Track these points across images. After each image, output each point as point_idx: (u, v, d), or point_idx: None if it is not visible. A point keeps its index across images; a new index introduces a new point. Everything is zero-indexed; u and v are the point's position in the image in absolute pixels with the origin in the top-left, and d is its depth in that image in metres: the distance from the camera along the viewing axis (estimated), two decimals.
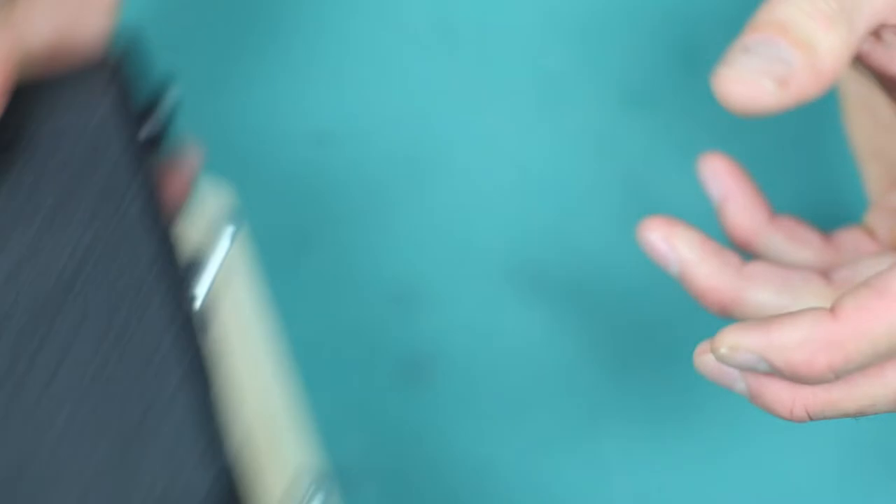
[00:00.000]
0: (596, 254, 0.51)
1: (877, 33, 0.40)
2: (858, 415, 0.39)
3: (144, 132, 0.39)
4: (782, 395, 0.39)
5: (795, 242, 0.44)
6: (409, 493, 0.49)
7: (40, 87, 0.39)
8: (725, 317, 0.43)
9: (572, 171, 0.52)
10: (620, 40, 0.52)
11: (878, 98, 0.45)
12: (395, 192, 0.51)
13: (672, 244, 0.43)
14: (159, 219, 0.37)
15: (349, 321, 0.50)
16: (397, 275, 0.51)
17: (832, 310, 0.37)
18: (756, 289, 0.42)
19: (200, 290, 0.38)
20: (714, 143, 0.52)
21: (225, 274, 0.39)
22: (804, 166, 0.52)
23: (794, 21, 0.37)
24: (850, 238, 0.44)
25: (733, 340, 0.38)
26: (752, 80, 0.36)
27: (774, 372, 0.37)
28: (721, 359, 0.38)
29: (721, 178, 0.45)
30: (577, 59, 0.52)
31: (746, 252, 0.45)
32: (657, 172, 0.51)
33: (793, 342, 0.37)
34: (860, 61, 0.41)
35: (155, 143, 0.40)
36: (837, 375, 0.37)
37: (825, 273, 0.43)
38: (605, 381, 0.50)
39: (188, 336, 0.36)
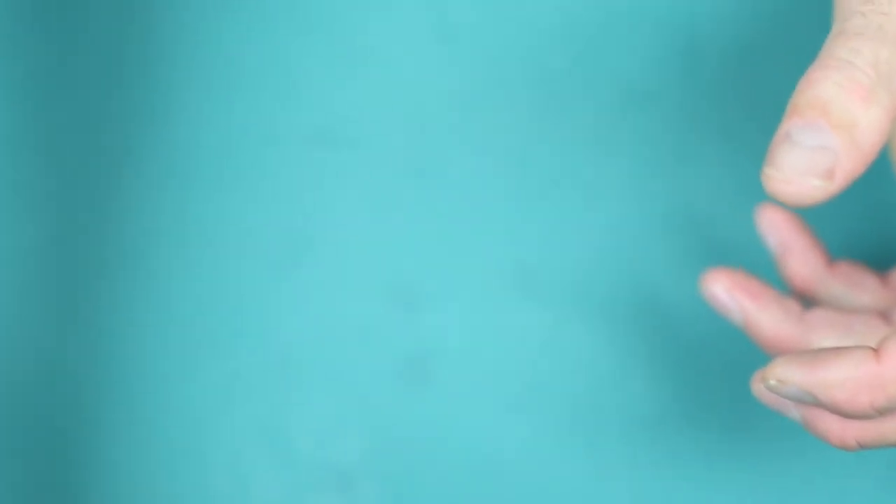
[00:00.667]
0: (596, 253, 0.51)
1: None
2: None
3: None
4: (833, 427, 0.41)
5: (854, 288, 0.45)
6: (409, 493, 0.49)
7: None
8: None
9: (572, 171, 0.52)
10: (621, 39, 0.52)
11: None
12: (394, 191, 0.51)
13: (734, 296, 0.45)
14: None
15: (349, 321, 0.50)
16: (397, 275, 0.51)
17: (877, 351, 0.38)
18: (819, 335, 0.44)
19: None
20: (715, 142, 0.52)
21: None
22: None
23: (834, 100, 0.37)
24: None
25: (782, 374, 0.39)
26: (799, 181, 0.36)
27: (820, 405, 0.39)
28: (771, 389, 0.40)
29: (779, 229, 0.46)
30: (577, 58, 0.52)
31: (807, 299, 0.46)
32: (657, 172, 0.51)
33: (836, 381, 0.38)
34: None
35: None
36: (880, 413, 0.38)
37: (885, 314, 0.44)
38: (605, 380, 0.50)
39: None
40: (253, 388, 0.50)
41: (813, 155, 0.36)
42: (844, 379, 0.38)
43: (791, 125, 0.37)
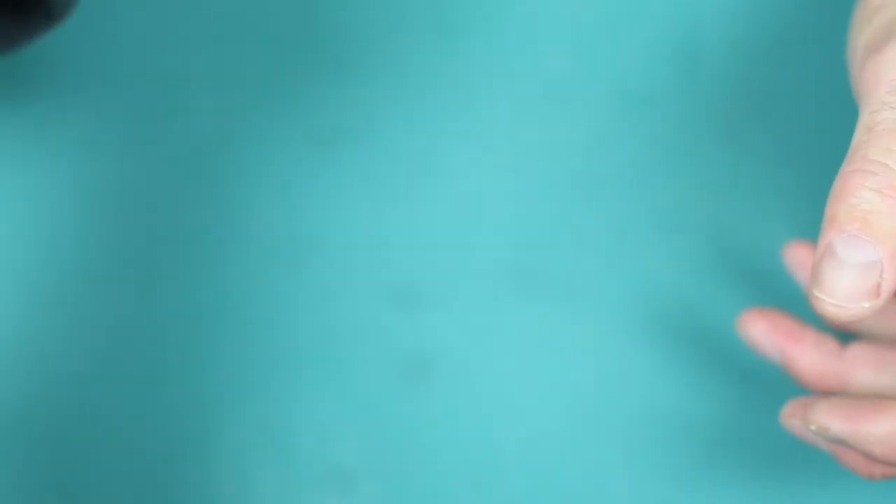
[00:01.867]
0: (596, 253, 0.51)
1: None
2: None
3: None
4: (862, 462, 0.42)
5: (885, 316, 0.46)
6: (409, 493, 0.49)
7: None
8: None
9: (572, 171, 0.52)
10: (621, 40, 0.52)
11: None
12: (394, 191, 0.51)
13: (773, 338, 0.45)
14: None
15: (349, 321, 0.50)
16: (397, 275, 0.51)
17: None
18: (856, 371, 0.44)
19: None
20: (716, 142, 0.52)
21: None
22: (818, 167, 0.52)
23: (874, 210, 0.36)
24: None
25: (823, 423, 0.40)
26: (853, 306, 0.36)
27: (855, 450, 0.40)
28: (811, 431, 0.41)
29: (808, 266, 0.47)
30: (577, 59, 0.52)
31: (840, 330, 0.47)
32: (658, 173, 0.51)
33: (875, 436, 0.39)
34: None
35: None
36: None
37: None
38: (605, 380, 0.50)
39: None
40: (253, 387, 0.50)
41: (861, 274, 0.36)
42: (883, 434, 0.39)
43: (833, 238, 0.36)
